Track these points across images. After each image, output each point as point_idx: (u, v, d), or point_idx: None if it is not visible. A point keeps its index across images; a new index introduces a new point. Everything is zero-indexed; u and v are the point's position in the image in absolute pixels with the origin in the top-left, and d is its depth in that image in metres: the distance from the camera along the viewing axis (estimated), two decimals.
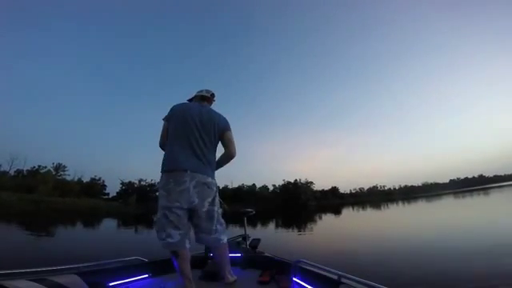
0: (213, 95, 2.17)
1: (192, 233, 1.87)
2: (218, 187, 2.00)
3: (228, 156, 2.03)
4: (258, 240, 2.76)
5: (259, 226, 14.64)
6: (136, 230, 13.87)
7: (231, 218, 2.01)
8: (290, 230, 12.47)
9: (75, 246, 7.60)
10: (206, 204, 1.79)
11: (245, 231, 2.83)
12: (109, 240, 9.79)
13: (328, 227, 14.50)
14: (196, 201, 1.74)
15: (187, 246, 1.77)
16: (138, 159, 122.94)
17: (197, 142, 1.84)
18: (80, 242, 8.49)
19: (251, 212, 2.80)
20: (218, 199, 1.91)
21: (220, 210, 1.93)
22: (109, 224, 17.76)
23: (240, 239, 2.78)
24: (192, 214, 1.79)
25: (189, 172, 1.74)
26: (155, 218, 1.78)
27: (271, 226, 15.59)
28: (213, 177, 1.89)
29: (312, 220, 17.37)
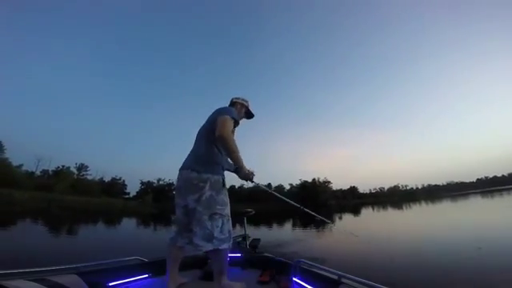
0: (231, 100, 2.17)
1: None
2: (222, 184, 1.75)
3: (217, 138, 1.71)
4: (258, 240, 2.77)
5: (275, 226, 14.51)
6: (156, 230, 14.02)
7: (232, 218, 1.89)
8: (308, 229, 12.22)
9: (75, 246, 7.64)
10: (190, 202, 1.69)
11: (245, 231, 2.84)
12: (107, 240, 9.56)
13: (348, 226, 14.24)
14: (181, 197, 1.74)
15: (178, 244, 1.75)
16: (160, 159, 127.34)
17: (195, 142, 1.90)
18: (80, 242, 8.45)
19: (251, 212, 2.81)
20: (207, 198, 1.66)
21: (215, 211, 1.67)
22: (116, 224, 16.79)
23: (240, 239, 2.79)
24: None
25: (180, 170, 1.80)
26: None
27: (288, 225, 15.42)
28: (200, 171, 1.68)
29: (331, 220, 16.91)
